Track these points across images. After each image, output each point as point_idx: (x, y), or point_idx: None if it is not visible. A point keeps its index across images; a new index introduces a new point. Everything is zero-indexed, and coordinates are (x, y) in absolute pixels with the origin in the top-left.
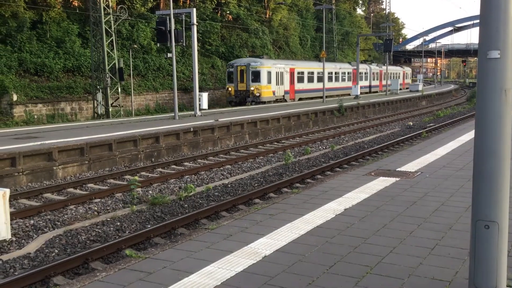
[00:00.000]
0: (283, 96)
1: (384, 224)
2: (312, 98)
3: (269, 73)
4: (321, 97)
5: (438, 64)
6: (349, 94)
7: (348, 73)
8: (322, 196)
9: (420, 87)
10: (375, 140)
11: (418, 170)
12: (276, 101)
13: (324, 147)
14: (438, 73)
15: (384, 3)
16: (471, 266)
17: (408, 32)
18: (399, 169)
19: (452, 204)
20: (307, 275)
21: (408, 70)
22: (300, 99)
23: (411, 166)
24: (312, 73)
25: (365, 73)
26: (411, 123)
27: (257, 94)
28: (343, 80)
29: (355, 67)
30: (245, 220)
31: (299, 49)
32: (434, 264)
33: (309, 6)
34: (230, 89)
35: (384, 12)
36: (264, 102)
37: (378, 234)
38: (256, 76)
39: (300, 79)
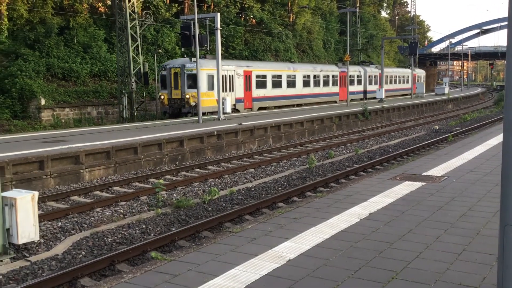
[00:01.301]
0: (234, 105)
1: (410, 229)
2: (280, 107)
3: (210, 76)
4: (294, 105)
5: (465, 67)
6: (335, 102)
7: (333, 76)
8: (347, 200)
9: (446, 90)
10: (400, 144)
11: (445, 175)
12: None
13: (348, 151)
14: (465, 76)
15: (409, 5)
16: (499, 272)
17: (433, 35)
18: (425, 173)
19: (479, 209)
20: (331, 279)
21: (420, 72)
22: (261, 108)
23: (437, 171)
24: (279, 76)
25: (357, 77)
26: (437, 127)
27: (194, 104)
28: (326, 84)
29: (344, 70)
30: (269, 223)
31: (323, 52)
32: (461, 269)
33: (333, 10)
34: (163, 97)
35: (409, 14)
36: (204, 114)
37: (403, 239)
38: (193, 81)
39: (261, 84)
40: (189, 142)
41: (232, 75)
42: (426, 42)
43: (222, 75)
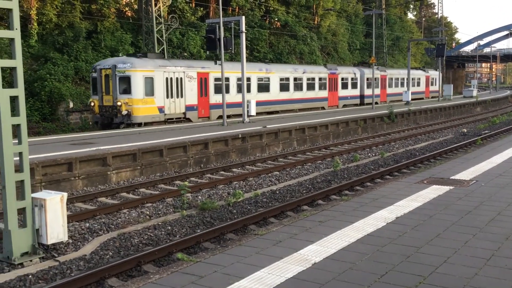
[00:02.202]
0: (184, 113)
1: (438, 234)
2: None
3: (149, 79)
4: (267, 113)
5: (493, 69)
6: (323, 108)
7: (320, 79)
8: (373, 203)
9: (475, 93)
10: (427, 147)
11: (473, 179)
12: (167, 121)
13: (373, 154)
14: (493, 79)
15: (436, 7)
16: None
17: (461, 37)
18: (453, 177)
19: (509, 213)
20: (358, 283)
21: (434, 74)
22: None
23: (466, 174)
24: (248, 79)
25: (352, 79)
26: (465, 130)
27: (126, 112)
28: (311, 88)
29: (334, 71)
30: (294, 226)
31: (348, 55)
32: (490, 275)
33: (358, 12)
34: (93, 103)
35: (436, 16)
36: (140, 124)
37: (431, 243)
38: (128, 84)
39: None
40: (214, 145)
41: (181, 78)
42: (453, 44)
43: (167, 78)
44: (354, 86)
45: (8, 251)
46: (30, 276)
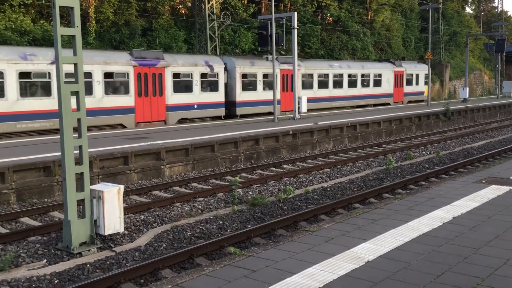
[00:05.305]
0: None
1: (497, 235)
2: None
3: None
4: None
5: None
6: (122, 125)
7: (109, 75)
8: (428, 203)
9: None
10: (485, 146)
11: None
12: None
13: (428, 153)
14: None
15: (496, 1)
16: None
17: None
18: None
19: None
20: (413, 283)
21: (416, 69)
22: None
23: None
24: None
25: (202, 76)
26: None
27: None
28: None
29: (153, 62)
30: (346, 224)
31: (402, 50)
32: None
33: (413, 6)
34: None
35: (496, 10)
36: None
37: (490, 244)
38: None
39: None
40: (264, 141)
41: None
42: None
43: None
44: (212, 87)
45: (68, 241)
46: (88, 265)
